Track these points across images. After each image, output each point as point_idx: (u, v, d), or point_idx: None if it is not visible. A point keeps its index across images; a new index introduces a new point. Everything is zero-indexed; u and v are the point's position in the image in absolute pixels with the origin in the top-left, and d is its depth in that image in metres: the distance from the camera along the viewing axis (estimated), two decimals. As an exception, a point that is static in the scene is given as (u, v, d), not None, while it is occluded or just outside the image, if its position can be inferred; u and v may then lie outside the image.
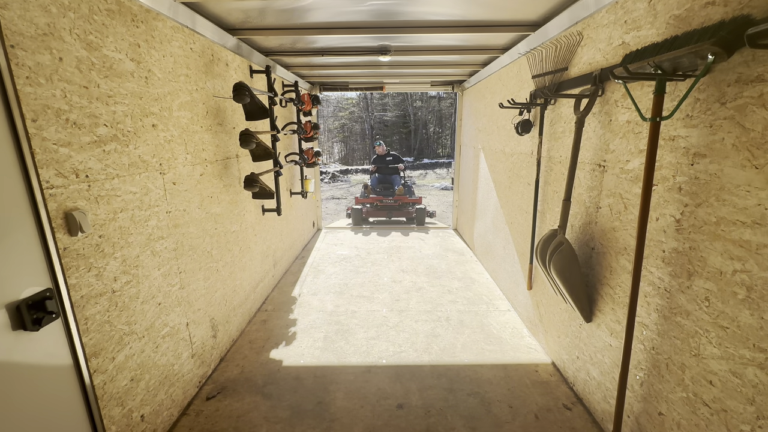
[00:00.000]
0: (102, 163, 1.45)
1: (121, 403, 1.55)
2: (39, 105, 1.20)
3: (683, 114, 1.33)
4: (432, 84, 5.29)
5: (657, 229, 1.45)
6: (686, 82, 1.32)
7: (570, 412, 2.02)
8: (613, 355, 1.76)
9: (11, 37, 1.11)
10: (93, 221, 1.40)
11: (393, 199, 6.82)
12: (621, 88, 1.67)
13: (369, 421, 1.98)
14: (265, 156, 2.85)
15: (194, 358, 2.15)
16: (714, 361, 1.22)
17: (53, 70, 1.25)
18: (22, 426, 1.17)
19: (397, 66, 4.09)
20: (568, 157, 2.15)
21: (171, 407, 1.93)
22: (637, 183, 1.56)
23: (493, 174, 3.84)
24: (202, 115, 2.23)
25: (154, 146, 1.77)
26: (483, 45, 3.18)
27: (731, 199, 1.15)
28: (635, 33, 1.57)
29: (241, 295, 2.86)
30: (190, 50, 2.12)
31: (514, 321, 3.04)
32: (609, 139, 1.77)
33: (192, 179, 2.11)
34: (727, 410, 1.17)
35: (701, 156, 1.25)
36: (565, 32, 2.16)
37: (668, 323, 1.41)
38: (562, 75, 2.21)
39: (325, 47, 3.26)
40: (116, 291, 1.52)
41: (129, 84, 1.60)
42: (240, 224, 2.83)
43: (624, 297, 1.67)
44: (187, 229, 2.06)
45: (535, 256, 2.14)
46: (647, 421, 1.54)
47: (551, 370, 2.38)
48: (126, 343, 1.58)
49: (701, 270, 1.26)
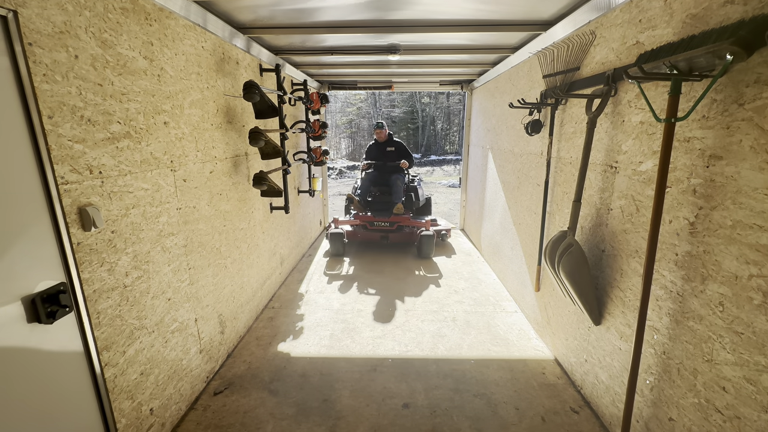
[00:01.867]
0: (115, 160, 1.47)
1: (131, 397, 1.58)
2: (55, 102, 1.22)
3: (699, 115, 1.30)
4: (441, 83, 5.27)
5: (670, 231, 1.43)
6: (702, 83, 1.29)
7: (577, 415, 2.00)
8: (622, 358, 1.73)
9: (29, 35, 1.13)
10: (106, 217, 1.42)
11: (389, 222, 4.56)
12: (634, 89, 1.65)
13: (374, 420, 1.98)
14: (273, 154, 2.87)
15: (202, 354, 2.17)
16: (728, 367, 1.19)
17: (69, 68, 1.27)
18: (37, 416, 1.19)
19: (405, 65, 4.08)
20: (578, 157, 2.12)
21: (179, 401, 1.95)
22: (650, 185, 1.54)
23: (502, 174, 3.81)
24: (212, 113, 2.25)
25: (166, 143, 1.79)
26: (493, 44, 3.15)
27: (748, 202, 1.12)
28: (650, 32, 1.54)
29: (249, 291, 2.89)
30: (202, 48, 2.14)
31: (521, 322, 3.02)
32: (621, 140, 1.74)
33: (202, 176, 2.13)
34: (741, 417, 1.15)
35: (717, 158, 1.23)
36: (578, 31, 2.13)
37: (680, 327, 1.39)
38: (574, 75, 2.18)
39: (334, 46, 3.26)
40: (127, 286, 1.54)
41: (142, 82, 1.62)
42: (248, 222, 2.85)
43: (635, 300, 1.64)
44: (197, 226, 2.08)
45: (544, 258, 2.12)
46: (657, 426, 1.52)
47: (558, 373, 2.36)
48: (136, 337, 1.60)
49: (715, 274, 1.24)
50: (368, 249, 4.94)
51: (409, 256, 4.66)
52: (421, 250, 4.45)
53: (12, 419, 1.12)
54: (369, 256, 4.69)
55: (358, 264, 4.38)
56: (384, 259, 4.55)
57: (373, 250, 4.92)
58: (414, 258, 4.60)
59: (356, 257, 4.63)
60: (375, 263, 4.41)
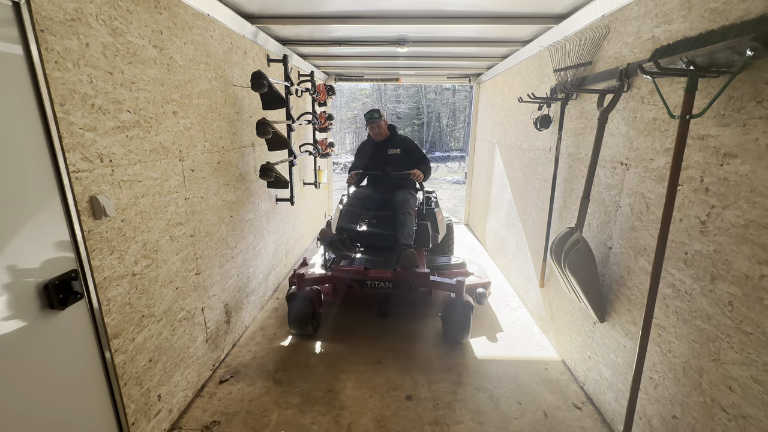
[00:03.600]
0: (125, 149, 1.48)
1: (139, 383, 1.60)
2: (66, 90, 1.22)
3: (714, 112, 1.28)
4: (448, 77, 5.21)
5: (680, 230, 1.42)
6: (719, 80, 1.27)
7: (580, 411, 2.01)
8: (626, 356, 1.73)
9: (41, 22, 1.13)
10: (116, 205, 1.43)
11: (390, 280, 2.65)
12: (647, 85, 1.62)
13: (378, 411, 2.00)
14: (280, 145, 2.86)
15: (208, 342, 2.20)
16: (735, 366, 1.19)
17: (80, 56, 1.27)
18: (49, 399, 1.22)
19: (413, 58, 4.04)
20: (588, 154, 2.10)
21: (186, 388, 1.98)
22: (662, 183, 1.52)
23: (509, 169, 3.79)
24: (220, 103, 2.25)
25: (174, 133, 1.79)
26: (503, 37, 3.11)
27: (763, 201, 1.11)
28: (666, 27, 1.51)
29: (254, 282, 2.91)
30: (210, 38, 2.12)
31: (525, 318, 3.02)
32: (633, 136, 1.72)
33: (210, 167, 2.14)
34: (747, 417, 1.15)
35: (732, 156, 1.21)
36: (591, 25, 2.09)
37: (687, 326, 1.39)
38: (586, 69, 2.15)
39: (342, 37, 3.23)
40: (136, 274, 1.56)
41: (151, 70, 1.62)
42: (254, 213, 2.86)
43: (641, 298, 1.64)
44: (204, 216, 2.09)
45: (550, 254, 2.11)
46: (660, 423, 1.52)
47: (561, 369, 2.36)
48: (145, 325, 1.63)
49: (725, 274, 1.23)
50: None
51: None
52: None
53: (25, 402, 1.14)
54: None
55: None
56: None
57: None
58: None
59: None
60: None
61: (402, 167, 3.19)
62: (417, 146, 3.36)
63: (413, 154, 3.28)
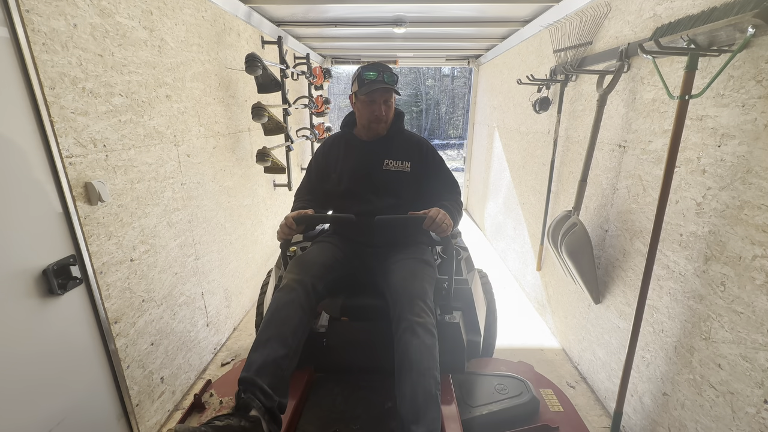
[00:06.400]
0: (118, 134, 1.46)
1: (142, 365, 1.63)
2: (56, 73, 1.20)
3: (714, 92, 1.27)
4: (447, 59, 5.12)
5: (676, 212, 1.42)
6: (720, 59, 1.25)
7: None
8: (620, 336, 1.77)
9: (26, 2, 1.10)
10: (111, 191, 1.42)
11: None
12: (648, 65, 1.60)
13: (376, 391, 2.04)
14: (276, 130, 2.83)
15: (209, 327, 2.23)
16: (725, 345, 1.22)
17: (68, 37, 1.24)
18: (53, 382, 1.24)
19: (411, 39, 3.95)
20: (586, 136, 2.08)
21: (188, 371, 2.02)
22: (659, 165, 1.52)
23: (507, 153, 3.77)
24: (214, 86, 2.21)
25: (168, 117, 1.77)
26: (503, 17, 3.04)
27: (758, 182, 1.11)
28: (668, 4, 1.48)
29: (254, 267, 2.93)
30: (202, 18, 2.07)
31: (522, 301, 3.06)
32: (632, 118, 1.70)
33: (205, 152, 2.12)
34: (734, 392, 1.18)
35: (730, 137, 1.21)
36: (592, 3, 2.04)
37: (680, 306, 1.41)
38: (586, 50, 2.11)
39: (338, 17, 3.15)
40: (135, 259, 1.57)
41: (142, 53, 1.59)
42: (252, 198, 2.85)
43: (636, 280, 1.66)
44: (201, 202, 2.09)
45: (547, 237, 2.13)
46: (651, 400, 1.57)
47: (557, 350, 2.41)
48: (145, 309, 1.64)
49: (719, 255, 1.24)
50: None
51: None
52: None
53: (29, 386, 1.17)
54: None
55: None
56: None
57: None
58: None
59: None
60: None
61: (407, 201, 1.52)
62: (439, 157, 1.62)
63: (433, 172, 1.58)
